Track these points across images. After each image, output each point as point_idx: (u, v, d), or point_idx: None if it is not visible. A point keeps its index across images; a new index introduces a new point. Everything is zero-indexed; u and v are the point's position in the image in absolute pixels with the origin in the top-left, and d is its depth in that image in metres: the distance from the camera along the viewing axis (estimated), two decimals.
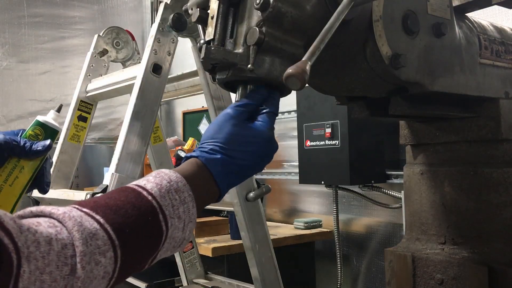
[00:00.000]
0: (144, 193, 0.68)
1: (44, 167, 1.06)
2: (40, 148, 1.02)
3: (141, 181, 0.71)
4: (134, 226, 0.65)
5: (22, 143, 1.01)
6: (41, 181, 1.07)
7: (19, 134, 1.04)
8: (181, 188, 0.72)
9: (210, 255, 2.56)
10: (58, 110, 1.12)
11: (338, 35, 0.79)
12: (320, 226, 3.07)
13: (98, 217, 0.62)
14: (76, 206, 0.64)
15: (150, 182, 0.70)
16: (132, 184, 0.70)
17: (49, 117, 1.09)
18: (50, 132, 1.07)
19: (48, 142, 1.04)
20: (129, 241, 0.64)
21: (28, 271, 0.53)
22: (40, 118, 1.08)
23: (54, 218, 0.61)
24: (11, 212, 1.03)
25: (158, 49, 1.52)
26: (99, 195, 0.69)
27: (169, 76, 1.61)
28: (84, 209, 0.63)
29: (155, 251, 0.69)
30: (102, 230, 0.62)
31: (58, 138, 1.81)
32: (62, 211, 0.61)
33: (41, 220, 0.59)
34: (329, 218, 2.97)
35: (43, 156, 1.04)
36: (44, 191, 1.08)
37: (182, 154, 3.08)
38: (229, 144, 0.78)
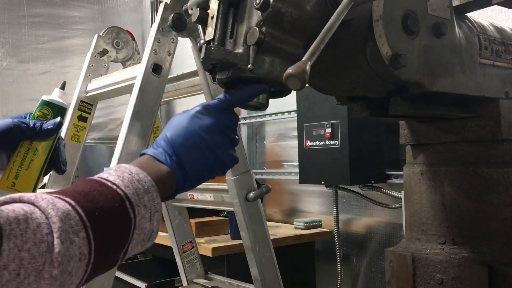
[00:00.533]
0: (108, 183, 0.69)
1: (57, 146, 1.05)
2: (51, 126, 1.02)
3: (103, 175, 0.71)
4: (103, 211, 0.66)
5: (32, 124, 1.01)
6: (57, 161, 1.06)
7: (27, 117, 1.03)
8: (142, 178, 0.72)
9: (210, 255, 2.56)
10: (62, 87, 1.10)
11: (338, 35, 0.79)
12: (320, 226, 3.07)
13: (68, 199, 0.63)
14: (44, 193, 0.64)
15: (112, 175, 0.71)
16: (94, 177, 0.71)
17: (55, 96, 1.08)
18: (57, 110, 1.07)
19: (58, 119, 1.03)
20: (100, 224, 0.64)
21: (8, 249, 0.54)
22: (46, 97, 1.07)
23: (25, 201, 0.62)
24: None
25: (158, 49, 1.52)
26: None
27: (169, 76, 1.61)
28: (53, 195, 0.64)
29: (126, 241, 0.69)
30: (74, 211, 0.62)
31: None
32: (33, 195, 0.62)
33: (14, 204, 0.60)
34: (329, 218, 2.97)
35: (55, 134, 1.04)
36: (61, 170, 1.08)
37: None
38: (179, 145, 0.79)
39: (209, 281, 2.15)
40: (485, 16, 1.31)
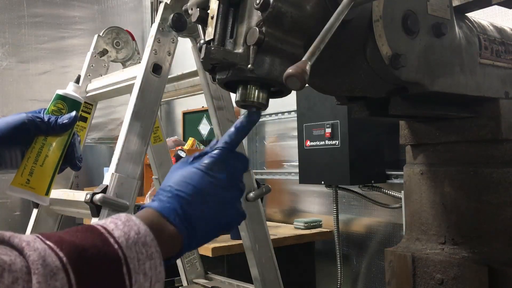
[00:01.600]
0: (111, 240, 0.63)
1: (73, 142, 1.02)
2: (66, 121, 0.98)
3: (110, 224, 0.66)
4: (96, 274, 0.60)
5: (46, 119, 0.97)
6: (72, 157, 1.02)
7: (41, 112, 0.99)
8: (148, 243, 0.66)
9: (210, 255, 2.56)
10: (77, 81, 1.07)
11: (338, 35, 0.79)
12: (320, 226, 3.07)
13: (61, 254, 0.58)
14: (40, 237, 0.59)
15: (119, 229, 0.65)
16: (99, 226, 0.65)
17: (69, 89, 1.05)
18: (72, 104, 1.03)
19: (73, 113, 1.00)
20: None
21: None
22: (60, 91, 1.04)
23: (14, 246, 0.57)
24: (47, 193, 0.99)
25: (158, 49, 1.52)
26: (65, 230, 0.64)
27: (169, 76, 1.61)
28: (48, 242, 0.59)
29: None
30: (63, 271, 0.57)
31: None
32: (26, 240, 0.57)
33: None
34: (329, 218, 2.97)
35: (71, 129, 1.00)
36: (76, 167, 1.04)
37: (182, 154, 3.08)
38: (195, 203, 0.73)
39: (209, 281, 2.15)
40: (485, 16, 1.31)
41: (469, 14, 1.21)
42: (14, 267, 0.53)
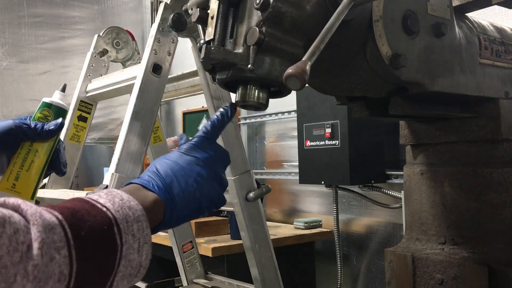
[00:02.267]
0: (98, 205, 0.66)
1: (58, 148, 1.05)
2: (53, 127, 1.01)
3: (93, 196, 0.68)
4: (90, 231, 0.61)
5: (33, 125, 1.00)
6: (57, 163, 1.06)
7: (28, 118, 1.02)
8: (133, 206, 0.68)
9: (210, 255, 2.56)
10: (63, 90, 1.10)
11: (338, 35, 0.79)
12: (320, 226, 3.07)
13: (56, 213, 0.60)
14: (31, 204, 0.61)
15: (102, 197, 0.67)
16: (84, 197, 0.67)
17: (55, 97, 1.08)
18: (58, 111, 1.07)
19: (59, 120, 1.03)
20: (84, 246, 0.60)
21: None
22: (46, 99, 1.07)
23: (8, 207, 0.58)
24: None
25: (158, 49, 1.52)
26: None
27: (169, 76, 1.61)
28: (41, 207, 0.60)
29: (111, 271, 0.63)
30: (60, 226, 0.58)
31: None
32: (20, 201, 0.59)
33: None
34: (329, 218, 2.97)
35: (56, 136, 1.03)
36: (61, 172, 1.07)
37: None
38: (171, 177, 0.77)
39: (209, 281, 2.15)
40: (485, 16, 1.31)
41: (469, 14, 1.21)
42: (13, 219, 0.54)
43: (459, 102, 1.20)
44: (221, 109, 0.88)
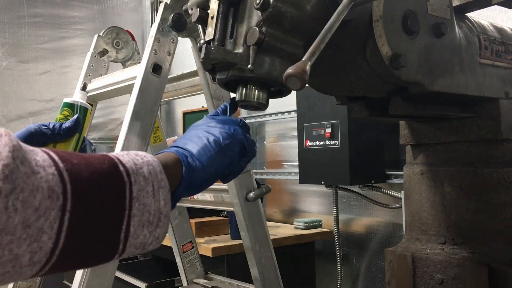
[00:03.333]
0: (99, 154, 0.63)
1: (83, 148, 1.06)
2: (69, 124, 1.02)
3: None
4: (85, 162, 0.56)
5: (51, 126, 1.02)
6: None
7: (50, 123, 1.05)
8: (141, 154, 0.66)
9: (210, 255, 2.56)
10: (83, 89, 1.11)
11: (338, 35, 0.79)
12: (320, 226, 3.07)
13: (42, 148, 0.56)
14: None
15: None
16: None
17: (76, 97, 1.09)
18: (78, 110, 1.08)
19: (75, 117, 1.03)
20: (78, 170, 0.55)
21: None
22: (67, 99, 1.08)
23: None
24: None
25: (158, 49, 1.52)
26: None
27: (169, 76, 1.61)
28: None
29: (121, 209, 0.58)
30: (42, 151, 0.54)
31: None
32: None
33: None
34: (329, 218, 2.97)
35: (76, 133, 1.04)
36: None
37: None
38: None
39: (209, 281, 2.15)
40: (485, 16, 1.31)
41: (469, 14, 1.21)
42: None
43: (459, 102, 1.20)
44: (221, 106, 0.92)
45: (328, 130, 2.58)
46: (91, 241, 0.56)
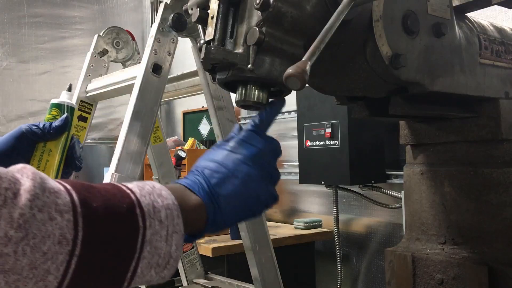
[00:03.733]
0: (123, 187, 0.63)
1: (71, 145, 1.09)
2: (59, 123, 1.05)
3: (125, 183, 0.66)
4: (103, 205, 0.58)
5: (41, 126, 1.05)
6: (71, 159, 1.09)
7: (40, 122, 1.08)
8: (164, 195, 0.65)
9: (210, 255, 2.56)
10: (69, 90, 1.16)
11: (338, 35, 0.79)
12: (320, 226, 3.08)
13: (64, 183, 0.57)
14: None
15: (132, 183, 0.65)
16: (114, 182, 0.66)
17: (63, 97, 1.14)
18: (66, 110, 1.12)
19: (65, 116, 1.08)
20: (95, 217, 0.56)
21: None
22: (55, 100, 1.13)
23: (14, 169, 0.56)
24: None
25: (158, 49, 1.52)
26: None
27: (169, 76, 1.61)
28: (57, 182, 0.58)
29: (132, 254, 0.60)
30: (65, 192, 0.56)
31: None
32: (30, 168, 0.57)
33: None
34: (329, 218, 2.97)
35: (67, 132, 1.08)
36: (77, 167, 1.10)
37: (182, 154, 3.08)
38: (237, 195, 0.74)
39: (209, 281, 2.15)
40: (485, 16, 1.31)
41: (469, 14, 1.21)
42: (1, 170, 0.53)
43: (459, 102, 1.20)
44: (271, 105, 0.84)
45: (328, 130, 2.58)
46: (97, 281, 0.58)
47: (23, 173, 0.55)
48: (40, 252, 0.52)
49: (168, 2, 1.54)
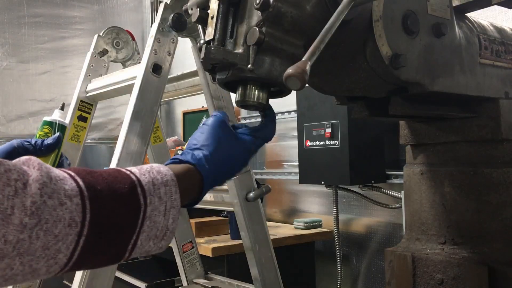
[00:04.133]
0: (123, 169, 0.68)
1: (60, 163, 1.13)
2: (51, 141, 1.09)
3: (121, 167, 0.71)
4: (107, 187, 0.63)
5: (33, 142, 1.08)
6: None
7: (31, 139, 1.11)
8: (163, 171, 0.71)
9: (210, 255, 2.56)
10: (62, 108, 1.19)
11: (338, 35, 0.79)
12: (320, 226, 3.07)
13: (69, 171, 0.62)
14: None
15: (131, 166, 0.71)
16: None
17: (55, 116, 1.16)
18: (57, 128, 1.15)
19: (57, 134, 1.11)
20: (101, 199, 0.61)
21: None
22: (46, 118, 1.16)
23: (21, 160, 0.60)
24: None
25: (158, 49, 1.52)
26: None
27: (169, 76, 1.61)
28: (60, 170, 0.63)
29: (133, 229, 0.65)
30: (71, 179, 0.60)
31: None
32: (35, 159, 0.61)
33: None
34: (329, 218, 2.97)
35: (56, 150, 1.11)
36: None
37: None
38: (217, 153, 0.81)
39: (209, 281, 2.15)
40: (485, 16, 1.31)
41: (469, 14, 1.21)
42: (6, 163, 0.56)
43: (459, 102, 1.20)
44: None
45: (328, 130, 2.58)
46: (101, 253, 0.63)
47: (29, 165, 0.59)
48: (52, 235, 0.57)
49: (168, 2, 1.54)
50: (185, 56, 2.18)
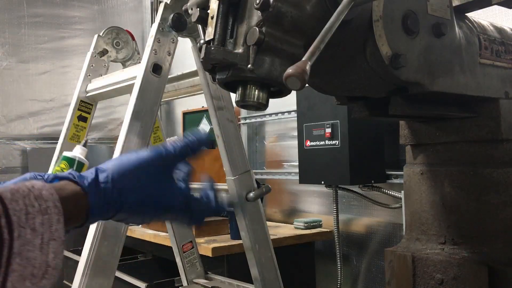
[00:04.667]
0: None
1: None
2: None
3: (6, 183, 0.63)
4: None
5: (45, 177, 1.02)
6: None
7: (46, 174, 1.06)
8: (45, 195, 0.61)
9: (210, 255, 2.56)
10: (84, 145, 1.13)
11: (338, 35, 0.79)
12: (320, 226, 3.07)
13: None
14: None
15: (7, 185, 0.60)
16: None
17: (76, 152, 1.10)
18: (75, 165, 1.08)
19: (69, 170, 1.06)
20: None
21: None
22: (67, 153, 1.10)
23: None
24: None
25: (158, 49, 1.52)
26: None
27: (169, 76, 1.61)
28: None
29: None
30: None
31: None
32: None
33: None
34: (329, 218, 2.97)
35: None
36: None
37: None
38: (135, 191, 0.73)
39: (209, 281, 2.15)
40: (485, 16, 1.31)
41: (469, 14, 1.21)
42: None
43: (459, 102, 1.20)
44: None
45: (328, 130, 2.58)
46: None
47: None
48: None
49: (168, 2, 1.54)
50: (185, 56, 2.18)
